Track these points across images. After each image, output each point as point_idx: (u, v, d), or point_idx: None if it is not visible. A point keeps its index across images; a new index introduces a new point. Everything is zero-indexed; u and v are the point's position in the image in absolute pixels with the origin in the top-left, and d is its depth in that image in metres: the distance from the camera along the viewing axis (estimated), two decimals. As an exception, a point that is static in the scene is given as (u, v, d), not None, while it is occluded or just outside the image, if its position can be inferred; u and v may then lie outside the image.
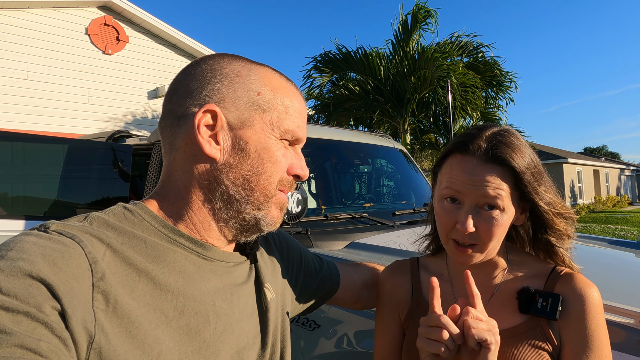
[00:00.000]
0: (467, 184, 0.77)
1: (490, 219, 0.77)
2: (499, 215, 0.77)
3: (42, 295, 0.44)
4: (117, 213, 0.60)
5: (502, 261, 0.85)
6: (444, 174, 0.82)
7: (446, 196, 0.80)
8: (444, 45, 9.71)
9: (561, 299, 0.75)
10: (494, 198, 0.76)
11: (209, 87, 0.63)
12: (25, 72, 7.23)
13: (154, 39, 8.84)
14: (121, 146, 2.66)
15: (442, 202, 0.81)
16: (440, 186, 0.83)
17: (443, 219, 0.81)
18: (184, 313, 0.57)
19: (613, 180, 29.66)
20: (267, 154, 0.65)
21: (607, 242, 2.11)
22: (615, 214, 17.91)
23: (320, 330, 1.34)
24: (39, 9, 7.45)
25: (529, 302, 0.77)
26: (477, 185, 0.76)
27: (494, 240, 0.78)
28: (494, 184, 0.76)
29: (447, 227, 0.80)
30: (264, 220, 0.67)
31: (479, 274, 0.84)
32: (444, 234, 0.81)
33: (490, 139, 0.78)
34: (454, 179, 0.79)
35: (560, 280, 0.79)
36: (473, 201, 0.77)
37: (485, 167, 0.77)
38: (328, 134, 2.49)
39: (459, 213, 0.78)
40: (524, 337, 0.76)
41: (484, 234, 0.77)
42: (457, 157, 0.81)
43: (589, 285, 0.77)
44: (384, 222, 2.05)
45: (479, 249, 0.79)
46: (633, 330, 0.93)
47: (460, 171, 0.78)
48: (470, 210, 0.77)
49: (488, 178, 0.76)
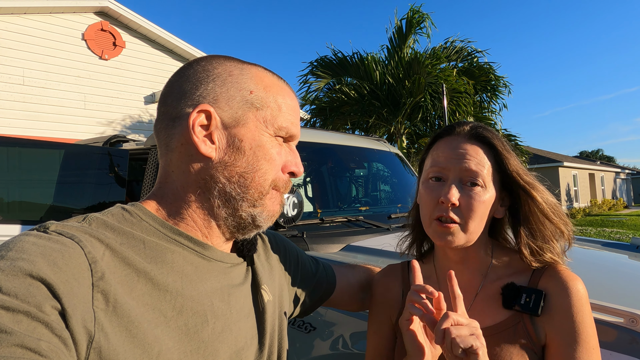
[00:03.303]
0: (451, 158, 0.81)
1: (472, 194, 0.79)
2: (480, 191, 0.80)
3: (42, 295, 0.44)
4: (116, 214, 0.60)
5: (486, 258, 0.86)
6: (430, 157, 0.86)
7: (431, 175, 0.83)
8: (437, 50, 9.77)
9: (544, 295, 0.76)
10: (476, 173, 0.80)
11: (202, 88, 0.64)
12: (21, 77, 7.21)
13: (151, 44, 8.84)
14: (118, 151, 2.66)
15: (426, 183, 0.84)
16: (425, 169, 0.87)
17: (427, 197, 0.82)
18: (183, 313, 0.57)
19: (608, 183, 29.78)
20: (262, 151, 0.65)
21: (601, 245, 2.13)
22: (611, 217, 17.97)
23: (316, 333, 1.35)
24: (35, 15, 7.44)
25: (513, 298, 0.78)
26: (460, 159, 0.81)
27: (476, 218, 0.79)
28: (476, 158, 0.81)
29: (431, 205, 0.81)
30: (260, 217, 0.67)
31: (464, 271, 0.85)
32: (428, 214, 0.82)
33: (474, 125, 0.86)
34: (440, 156, 0.83)
35: (545, 274, 0.80)
36: (457, 175, 0.80)
37: (469, 143, 0.83)
38: (324, 137, 2.50)
39: (442, 189, 0.80)
40: (507, 334, 0.76)
41: (466, 209, 0.79)
42: (444, 140, 0.86)
43: (573, 279, 0.77)
44: (379, 226, 2.06)
45: (462, 228, 0.80)
46: (623, 329, 0.94)
47: (446, 148, 0.83)
48: (453, 183, 0.80)
49: (471, 152, 0.81)
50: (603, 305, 0.96)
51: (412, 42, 9.78)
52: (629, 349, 0.92)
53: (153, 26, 8.62)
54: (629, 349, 0.92)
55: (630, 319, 0.93)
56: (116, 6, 8.13)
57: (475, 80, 9.59)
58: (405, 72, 9.29)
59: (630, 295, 1.26)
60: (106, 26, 8.22)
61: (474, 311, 0.81)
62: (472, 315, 0.80)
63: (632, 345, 0.92)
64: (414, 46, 9.85)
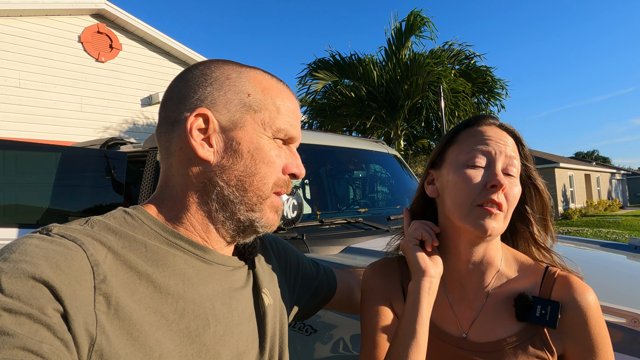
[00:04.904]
0: (496, 142, 0.78)
1: (512, 183, 0.77)
2: (517, 182, 0.78)
3: (44, 297, 0.44)
4: (118, 217, 0.60)
5: (497, 259, 0.82)
6: (463, 144, 0.81)
7: (471, 161, 0.78)
8: (436, 52, 9.81)
9: (560, 306, 0.74)
10: (516, 164, 0.79)
11: (200, 92, 0.65)
12: (17, 80, 7.18)
13: (147, 47, 8.83)
14: (115, 153, 2.65)
15: (462, 170, 0.78)
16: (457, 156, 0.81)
17: (469, 183, 0.76)
18: (184, 316, 0.57)
19: (604, 184, 29.94)
20: (260, 154, 0.65)
21: (599, 245, 2.13)
22: (607, 218, 18.06)
23: (317, 335, 1.35)
24: (31, 17, 7.42)
25: (527, 310, 0.75)
26: (504, 146, 0.78)
27: (512, 209, 0.77)
28: (514, 150, 0.80)
29: (475, 191, 0.76)
30: (258, 222, 0.67)
31: (473, 272, 0.82)
32: (469, 201, 0.76)
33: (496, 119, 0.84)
34: (480, 141, 0.79)
35: (557, 284, 0.77)
36: (502, 161, 0.77)
37: (505, 133, 0.81)
38: (322, 139, 2.50)
39: (488, 173, 0.76)
40: (523, 346, 0.74)
41: (509, 196, 0.76)
42: (474, 128, 0.82)
43: (586, 290, 0.75)
44: (379, 227, 2.06)
45: (504, 216, 0.76)
46: (625, 329, 0.94)
47: (484, 134, 0.80)
48: (500, 169, 0.77)
49: (509, 142, 0.80)
50: (605, 306, 0.96)
51: (411, 44, 9.81)
52: (631, 350, 0.92)
53: (150, 28, 8.61)
54: (631, 350, 0.92)
55: (632, 319, 0.93)
56: (113, 8, 8.12)
57: (472, 83, 9.63)
58: (403, 73, 9.32)
59: (631, 296, 1.27)
60: (103, 28, 8.20)
61: (483, 319, 0.78)
62: (482, 323, 0.78)
63: (634, 346, 0.92)
64: (413, 48, 9.89)
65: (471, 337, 0.78)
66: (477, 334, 0.78)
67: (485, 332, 0.77)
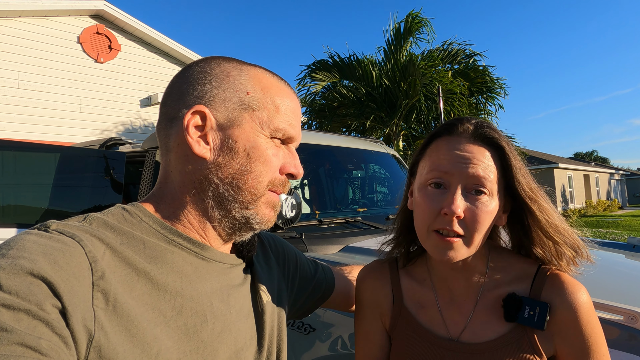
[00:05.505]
0: (456, 162, 0.71)
1: (479, 203, 0.70)
2: (487, 200, 0.71)
3: (43, 293, 0.44)
4: (116, 214, 0.60)
5: (482, 264, 0.79)
6: (428, 159, 0.76)
7: (430, 181, 0.73)
8: (433, 52, 9.81)
9: (549, 308, 0.71)
10: (483, 180, 0.70)
11: (199, 89, 0.64)
12: (16, 81, 7.18)
13: (146, 47, 8.83)
14: (114, 154, 2.65)
15: (424, 190, 0.74)
16: (422, 173, 0.76)
17: (426, 207, 0.72)
18: (182, 313, 0.57)
19: (603, 184, 29.96)
20: (257, 153, 0.65)
21: (598, 244, 2.14)
22: (606, 218, 18.08)
23: (316, 334, 1.35)
24: (30, 18, 7.42)
25: (516, 310, 0.72)
26: (467, 163, 0.71)
27: (481, 231, 0.71)
28: (484, 163, 0.71)
29: (430, 216, 0.71)
30: (253, 219, 0.67)
31: (460, 278, 0.79)
32: (425, 225, 0.72)
33: (477, 123, 0.75)
34: (441, 159, 0.73)
35: (547, 284, 0.74)
36: (462, 182, 0.71)
37: (474, 144, 0.72)
38: (322, 139, 2.50)
39: (444, 198, 0.71)
40: (511, 348, 0.71)
41: (471, 221, 0.70)
42: (443, 139, 0.75)
43: (577, 289, 0.72)
44: (377, 226, 2.07)
45: (466, 242, 0.71)
46: (622, 326, 0.94)
47: (448, 150, 0.73)
48: (458, 192, 0.70)
49: (478, 156, 0.71)
50: (603, 303, 0.97)
51: (410, 45, 9.81)
52: (629, 346, 0.92)
53: (149, 29, 8.61)
54: (629, 346, 0.92)
55: (629, 317, 0.94)
56: (112, 9, 8.12)
57: (470, 82, 9.63)
58: (401, 74, 9.32)
59: (629, 294, 1.27)
60: (102, 29, 8.20)
61: (475, 323, 0.77)
62: (474, 327, 0.76)
63: (631, 343, 0.93)
64: (411, 49, 9.89)
65: (462, 339, 0.77)
66: (467, 336, 0.76)
67: (475, 334, 0.76)
